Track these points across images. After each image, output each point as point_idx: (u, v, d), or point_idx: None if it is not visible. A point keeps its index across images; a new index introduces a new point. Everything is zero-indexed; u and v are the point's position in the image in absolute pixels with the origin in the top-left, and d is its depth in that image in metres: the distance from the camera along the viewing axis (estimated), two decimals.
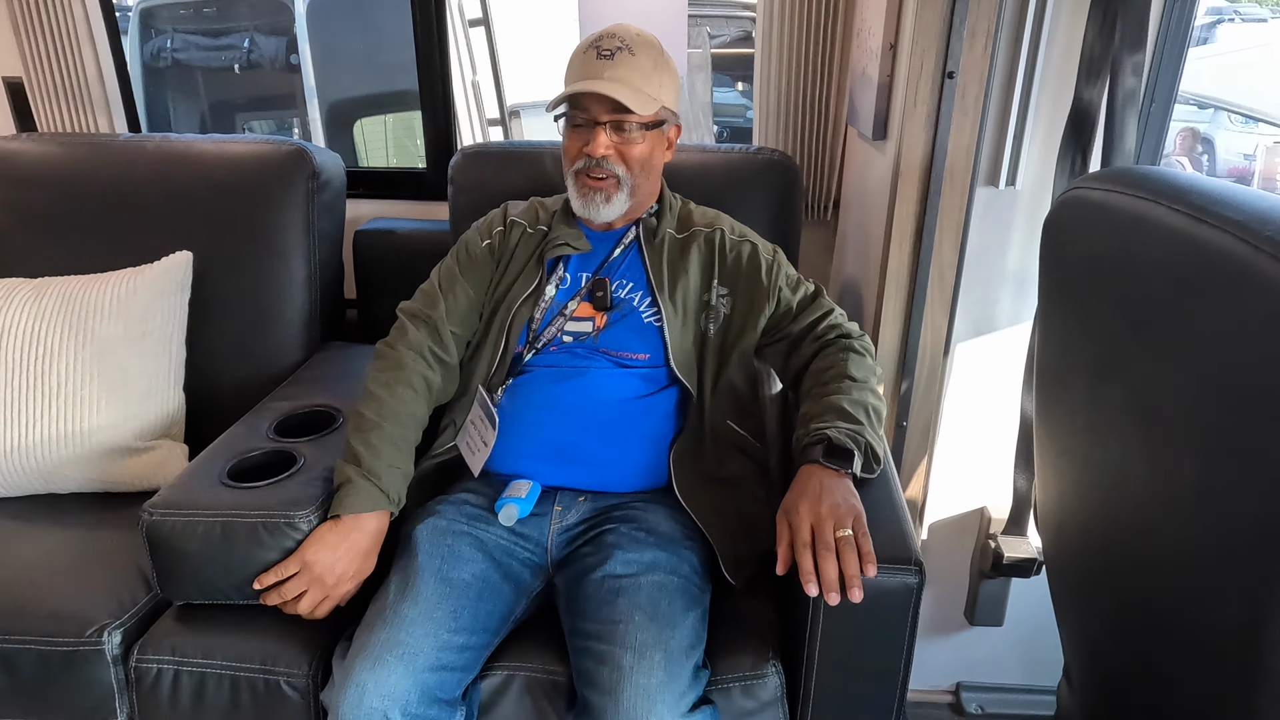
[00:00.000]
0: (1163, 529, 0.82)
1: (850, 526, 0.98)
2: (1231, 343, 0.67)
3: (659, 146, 1.27)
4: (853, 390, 1.14)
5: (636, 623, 1.01)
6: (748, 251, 1.28)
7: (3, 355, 1.38)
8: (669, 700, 0.95)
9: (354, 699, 0.95)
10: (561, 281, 1.29)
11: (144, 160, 1.60)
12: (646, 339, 1.25)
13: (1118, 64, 1.19)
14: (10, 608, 1.13)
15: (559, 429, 1.21)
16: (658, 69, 1.22)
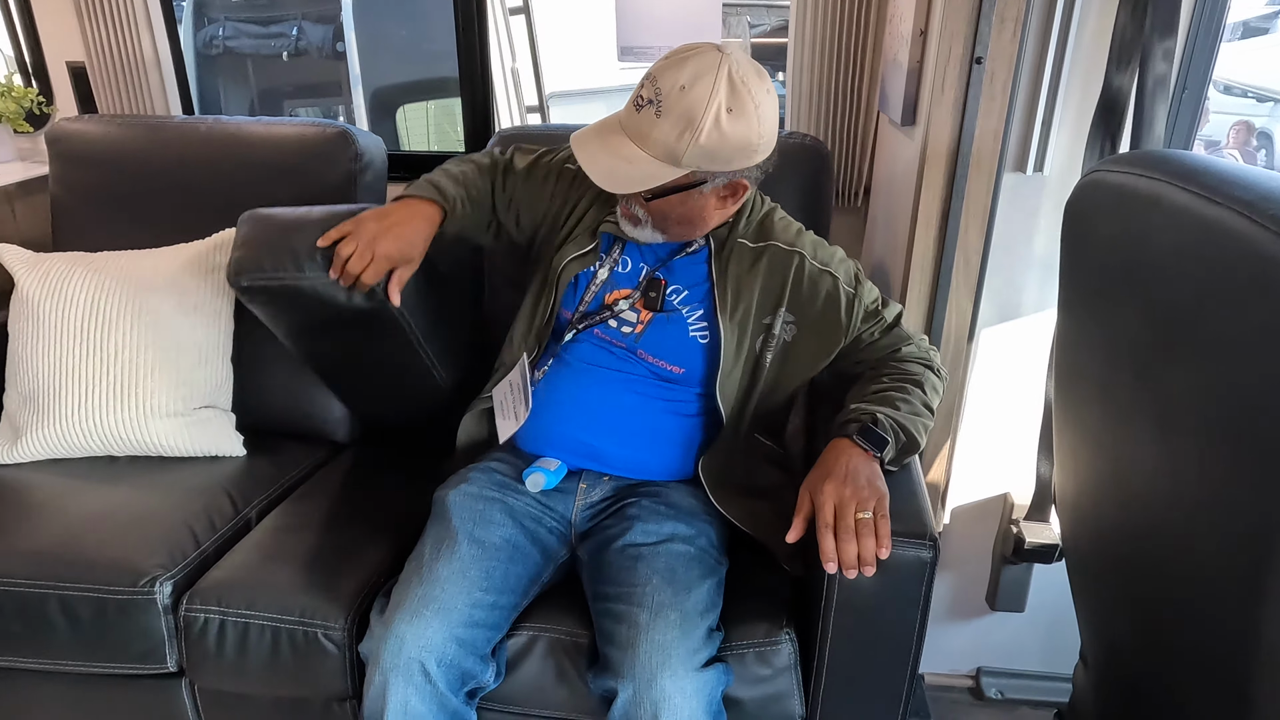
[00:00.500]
0: (1168, 517, 0.84)
1: (871, 509, 1.00)
2: (1235, 323, 0.69)
3: (695, 204, 1.14)
4: (914, 396, 1.15)
5: (654, 585, 1.05)
6: (826, 286, 1.20)
7: (64, 325, 1.46)
8: (682, 655, 0.99)
9: (394, 649, 1.01)
10: (619, 264, 1.25)
11: (197, 141, 1.67)
12: (686, 354, 1.21)
13: (1148, 50, 1.19)
14: (71, 558, 1.21)
15: (587, 432, 1.22)
16: (690, 137, 1.04)
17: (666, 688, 0.97)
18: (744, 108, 1.05)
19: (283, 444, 1.58)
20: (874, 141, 1.74)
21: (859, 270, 1.25)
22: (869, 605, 1.01)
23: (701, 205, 1.15)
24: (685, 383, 1.23)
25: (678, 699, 0.98)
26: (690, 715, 0.98)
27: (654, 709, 0.97)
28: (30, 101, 1.84)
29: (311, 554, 1.24)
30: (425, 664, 1.01)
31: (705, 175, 1.10)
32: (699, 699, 0.99)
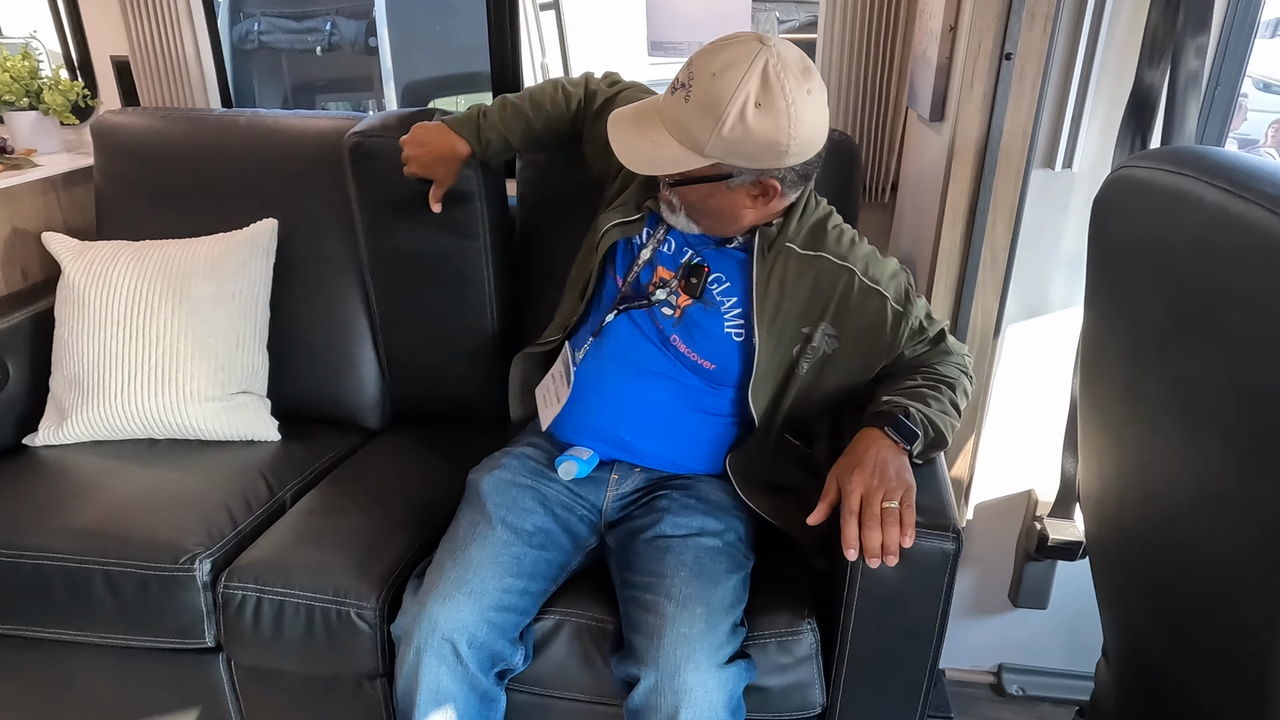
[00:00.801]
0: (1190, 513, 0.84)
1: (898, 499, 1.01)
2: (1260, 318, 0.69)
3: (724, 198, 1.12)
4: (946, 394, 1.15)
5: (682, 578, 1.07)
6: (875, 305, 1.17)
7: (108, 311, 1.51)
8: (706, 649, 1.01)
9: (427, 630, 1.04)
10: (663, 244, 1.23)
11: (235, 133, 1.71)
12: (720, 351, 1.20)
13: (1180, 46, 1.19)
14: (115, 535, 1.25)
15: (620, 426, 1.23)
16: (713, 127, 1.02)
17: (689, 680, 0.99)
18: (774, 104, 1.02)
19: (316, 429, 1.62)
20: (902, 137, 1.74)
21: (910, 286, 1.21)
22: (891, 596, 1.03)
23: (731, 202, 1.12)
24: (716, 380, 1.22)
25: (699, 692, 0.99)
26: (710, 709, 1.00)
27: (675, 700, 0.99)
28: (76, 95, 1.89)
29: (345, 536, 1.27)
30: (457, 645, 1.04)
31: (731, 169, 1.07)
32: (720, 694, 1.01)
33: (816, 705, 1.12)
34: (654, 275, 1.23)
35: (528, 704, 1.16)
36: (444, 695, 1.04)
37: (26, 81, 1.85)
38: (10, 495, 1.36)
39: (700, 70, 1.03)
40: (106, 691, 1.32)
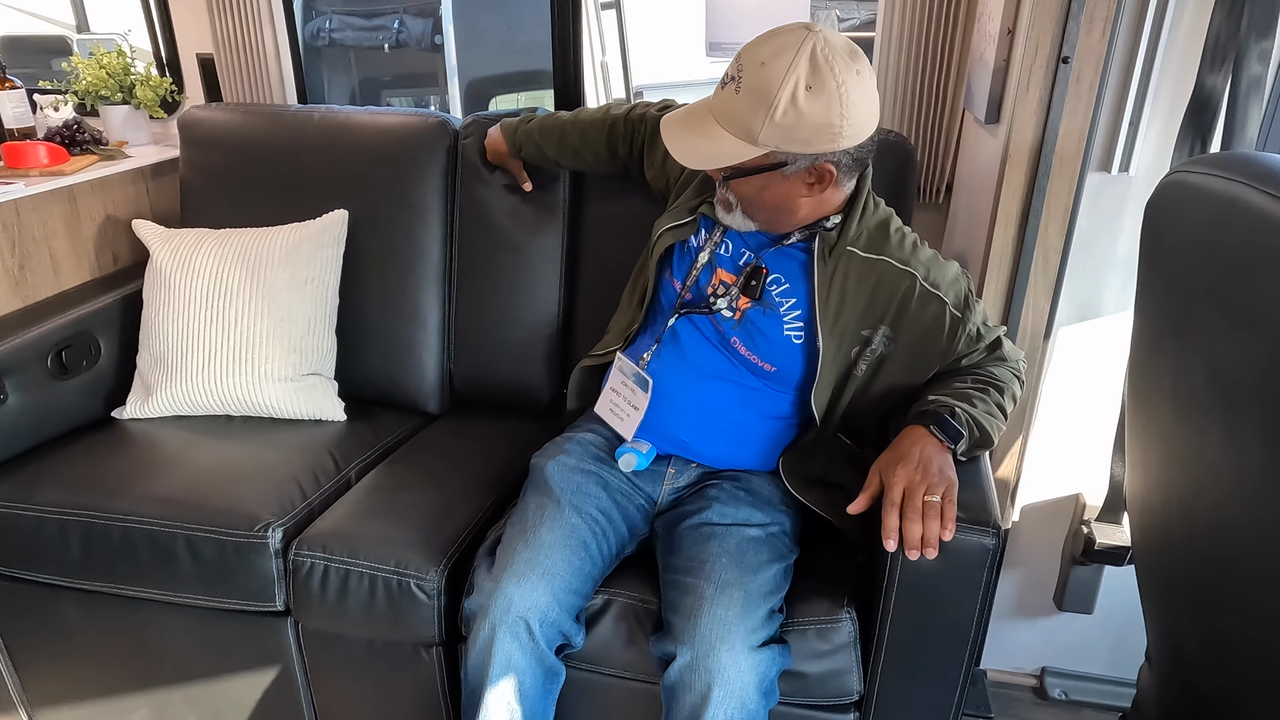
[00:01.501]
0: (1234, 517, 0.85)
1: (940, 494, 1.03)
2: None
3: (780, 188, 1.12)
4: (993, 395, 1.17)
5: (723, 564, 1.11)
6: (934, 309, 1.17)
7: (191, 294, 1.61)
8: (741, 632, 1.04)
9: (502, 608, 1.09)
10: (721, 248, 1.25)
11: (311, 129, 1.79)
12: (780, 354, 1.21)
13: (1244, 50, 1.18)
14: (196, 503, 1.34)
15: (681, 428, 1.27)
16: (764, 114, 1.03)
17: (723, 659, 1.03)
18: (824, 86, 1.02)
19: (379, 412, 1.70)
20: (958, 139, 1.75)
21: (970, 292, 1.21)
22: (931, 588, 1.05)
23: (787, 191, 1.12)
24: (776, 382, 1.23)
25: (732, 671, 1.03)
26: (742, 688, 1.03)
27: (708, 677, 1.03)
28: (165, 90, 2.00)
29: (406, 511, 1.34)
30: (530, 622, 1.09)
31: (785, 157, 1.07)
32: (753, 674, 1.04)
33: (854, 692, 1.14)
34: (713, 277, 1.25)
35: (574, 679, 1.21)
36: (515, 669, 1.09)
37: (120, 78, 1.96)
38: (101, 464, 1.46)
39: (748, 61, 1.05)
40: (185, 648, 1.41)
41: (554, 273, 1.68)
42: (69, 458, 1.48)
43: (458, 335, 1.74)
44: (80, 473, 1.43)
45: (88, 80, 1.94)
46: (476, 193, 1.71)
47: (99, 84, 1.95)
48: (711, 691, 1.02)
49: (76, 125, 1.88)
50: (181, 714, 1.47)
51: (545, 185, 1.67)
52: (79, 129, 1.88)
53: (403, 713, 1.35)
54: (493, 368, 1.74)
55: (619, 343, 1.34)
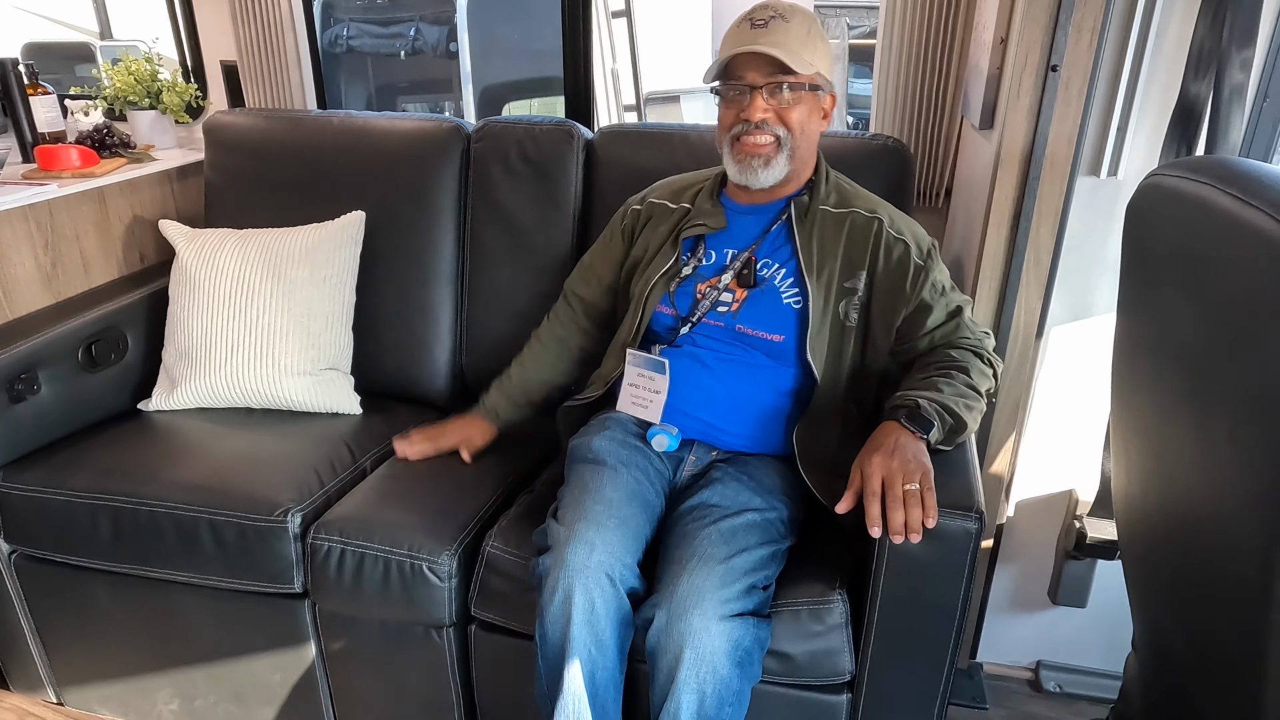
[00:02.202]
0: (1205, 503, 0.89)
1: (918, 481, 1.08)
2: (1260, 311, 0.75)
3: (815, 112, 1.28)
4: (959, 381, 1.22)
5: (711, 540, 1.14)
6: (899, 252, 1.28)
7: (215, 292, 1.68)
8: (715, 600, 1.08)
9: (583, 554, 1.11)
10: (705, 258, 1.35)
11: (330, 133, 1.86)
12: (783, 320, 1.29)
13: (1226, 59, 1.23)
14: (219, 489, 1.40)
15: (700, 410, 1.33)
16: (811, 35, 1.23)
17: (694, 623, 1.07)
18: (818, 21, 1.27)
19: (393, 405, 1.76)
20: (957, 144, 1.80)
21: (934, 248, 1.31)
22: (917, 570, 1.10)
23: (815, 119, 1.28)
24: (784, 353, 1.30)
25: (703, 635, 1.06)
26: (712, 653, 1.07)
27: (680, 640, 1.07)
28: (190, 96, 2.08)
29: (419, 499, 1.40)
30: (609, 569, 1.11)
31: (821, 81, 1.26)
32: (723, 640, 1.07)
33: (845, 672, 1.19)
34: (698, 287, 1.33)
35: None
36: (597, 618, 1.11)
37: (148, 84, 2.04)
38: (129, 452, 1.53)
39: (776, 3, 1.25)
40: (208, 629, 1.47)
41: (563, 272, 1.73)
42: (98, 446, 1.55)
43: (469, 332, 1.81)
44: (109, 460, 1.50)
45: (117, 86, 2.02)
46: (489, 194, 1.77)
47: (127, 90, 2.03)
48: (683, 654, 1.06)
49: (106, 129, 1.96)
50: (203, 693, 1.53)
51: (555, 187, 1.73)
52: (109, 133, 1.95)
53: (414, 692, 1.40)
54: (503, 364, 1.78)
55: (602, 388, 1.41)
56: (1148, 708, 1.21)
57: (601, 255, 1.51)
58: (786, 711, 1.22)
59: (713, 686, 1.08)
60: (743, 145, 1.27)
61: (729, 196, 1.38)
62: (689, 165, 1.57)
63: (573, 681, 1.11)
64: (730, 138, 1.27)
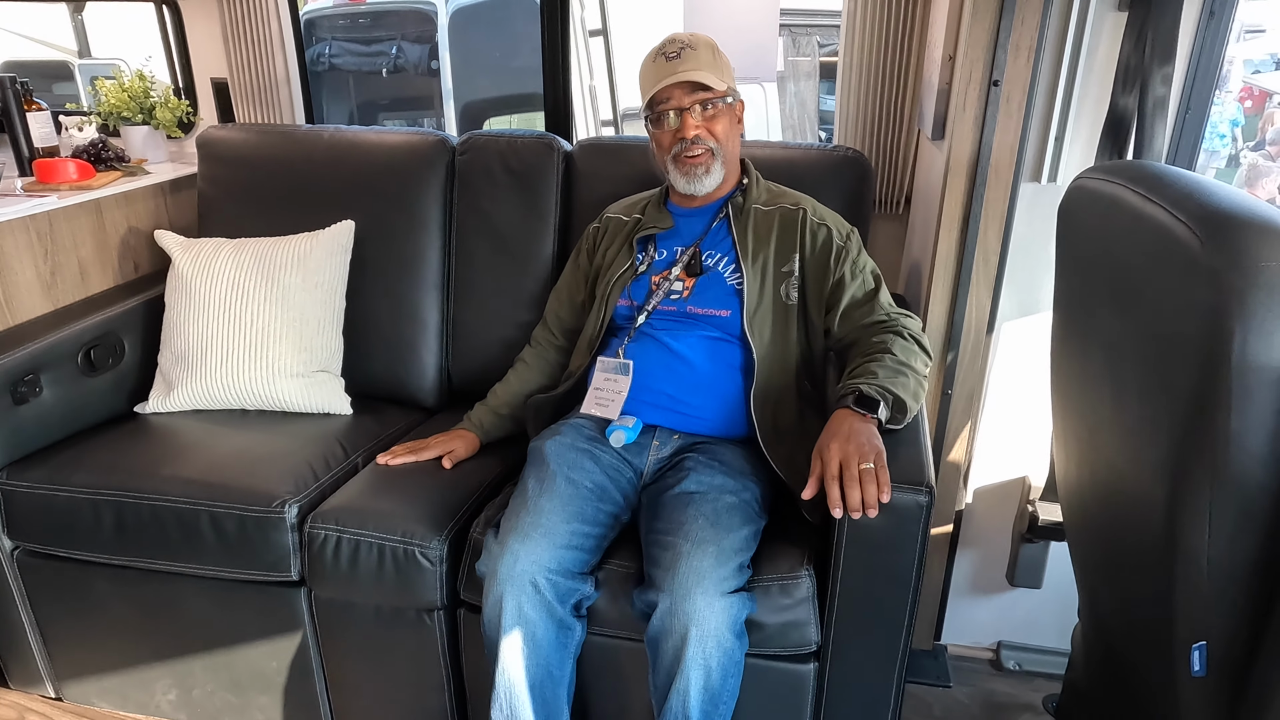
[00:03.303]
0: (1121, 467, 0.99)
1: (872, 461, 1.18)
2: (1157, 292, 0.85)
3: (732, 120, 1.48)
4: (888, 361, 1.33)
5: (699, 524, 1.25)
6: (823, 236, 1.46)
7: (210, 298, 1.75)
8: (714, 579, 1.18)
9: (509, 564, 1.23)
10: (657, 255, 1.53)
11: (320, 146, 1.95)
12: (728, 299, 1.45)
13: (1149, 75, 1.35)
14: (218, 483, 1.47)
15: (664, 383, 1.45)
16: (717, 56, 1.44)
17: (698, 603, 1.17)
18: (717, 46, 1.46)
19: (383, 406, 1.84)
20: (915, 155, 1.91)
21: (854, 233, 1.50)
22: (875, 542, 1.19)
23: (733, 125, 1.47)
24: (732, 328, 1.44)
25: (706, 613, 1.17)
26: (717, 628, 1.17)
27: (685, 620, 1.17)
28: (182, 112, 2.16)
29: (411, 490, 1.48)
30: (535, 577, 1.22)
31: (730, 92, 1.45)
32: (725, 616, 1.18)
33: (812, 643, 1.28)
34: (652, 280, 1.50)
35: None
36: (525, 621, 1.22)
37: (141, 100, 2.11)
38: (129, 451, 1.60)
39: (680, 36, 1.45)
40: (207, 619, 1.53)
41: (546, 277, 1.83)
42: (99, 446, 1.62)
43: (456, 336, 1.89)
44: (110, 459, 1.57)
45: (110, 102, 2.09)
46: (473, 204, 1.86)
47: (121, 106, 2.10)
48: (689, 632, 1.16)
49: (101, 144, 2.03)
50: (201, 682, 1.59)
51: (537, 196, 1.83)
52: (104, 147, 2.02)
53: (407, 674, 1.47)
54: (488, 367, 1.86)
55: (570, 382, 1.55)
56: (1090, 672, 1.31)
57: (570, 277, 1.68)
58: (759, 681, 1.30)
59: (718, 660, 1.18)
60: (684, 161, 1.46)
61: (673, 203, 1.57)
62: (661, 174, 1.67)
63: (506, 675, 1.24)
64: (671, 157, 1.47)
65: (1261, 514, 0.78)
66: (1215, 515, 0.79)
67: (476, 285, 1.87)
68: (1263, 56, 4.60)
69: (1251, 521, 0.78)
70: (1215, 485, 0.78)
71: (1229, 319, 0.74)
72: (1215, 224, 0.78)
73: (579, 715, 1.37)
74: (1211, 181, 0.91)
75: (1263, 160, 4.08)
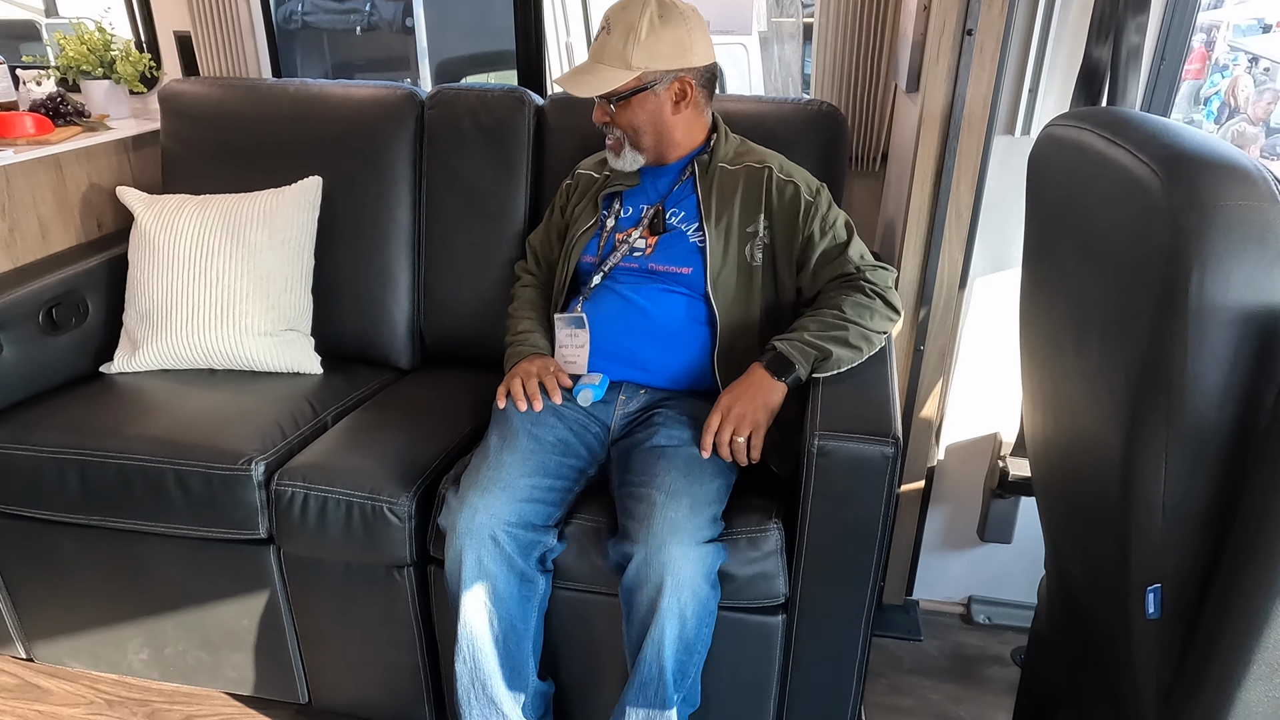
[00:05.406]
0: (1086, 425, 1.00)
1: (747, 433, 1.27)
2: (1118, 236, 0.85)
3: (653, 106, 1.41)
4: (828, 317, 1.34)
5: (672, 476, 1.25)
6: (790, 192, 1.43)
7: (175, 255, 1.72)
8: (688, 530, 1.19)
9: (468, 518, 1.23)
10: (622, 211, 1.51)
11: (286, 101, 1.90)
12: (690, 257, 1.44)
13: (1123, 24, 1.33)
14: (185, 442, 1.46)
15: (623, 337, 1.44)
16: (633, 40, 1.36)
17: (673, 553, 1.17)
18: (671, 15, 1.37)
19: (354, 367, 1.82)
20: (891, 112, 1.89)
21: (823, 189, 1.46)
22: (842, 493, 1.19)
23: (658, 109, 1.41)
24: (695, 285, 1.43)
25: (681, 562, 1.17)
26: (691, 577, 1.18)
27: (660, 570, 1.17)
28: (144, 66, 2.10)
29: (380, 448, 1.46)
30: (494, 531, 1.23)
31: (654, 76, 1.39)
32: (699, 565, 1.19)
33: (780, 595, 1.29)
34: (621, 235, 1.49)
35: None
36: (485, 573, 1.23)
37: (101, 53, 2.05)
38: (94, 410, 1.58)
39: (612, 13, 1.40)
40: (176, 578, 1.53)
41: (518, 235, 1.81)
42: (62, 406, 1.59)
43: (427, 295, 1.87)
44: (74, 418, 1.54)
45: (69, 56, 2.03)
46: (444, 160, 1.83)
47: (80, 59, 2.04)
48: (664, 582, 1.16)
49: (60, 98, 1.97)
50: (172, 641, 1.59)
51: (508, 151, 1.79)
52: (62, 101, 1.97)
53: (378, 631, 1.47)
54: (461, 326, 1.86)
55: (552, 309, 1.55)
56: (1053, 622, 1.33)
57: (544, 231, 1.68)
58: (728, 633, 1.31)
59: (692, 609, 1.19)
60: (606, 141, 1.48)
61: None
62: None
63: (468, 628, 1.24)
64: None
65: (1215, 456, 0.78)
66: (1170, 458, 0.79)
67: (448, 243, 1.84)
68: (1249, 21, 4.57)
69: (1205, 463, 0.78)
70: (1170, 427, 0.78)
71: (1186, 260, 0.73)
72: (1176, 164, 0.77)
73: (549, 670, 1.38)
74: (1179, 125, 0.90)
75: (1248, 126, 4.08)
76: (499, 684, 1.26)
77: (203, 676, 1.62)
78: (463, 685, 1.27)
